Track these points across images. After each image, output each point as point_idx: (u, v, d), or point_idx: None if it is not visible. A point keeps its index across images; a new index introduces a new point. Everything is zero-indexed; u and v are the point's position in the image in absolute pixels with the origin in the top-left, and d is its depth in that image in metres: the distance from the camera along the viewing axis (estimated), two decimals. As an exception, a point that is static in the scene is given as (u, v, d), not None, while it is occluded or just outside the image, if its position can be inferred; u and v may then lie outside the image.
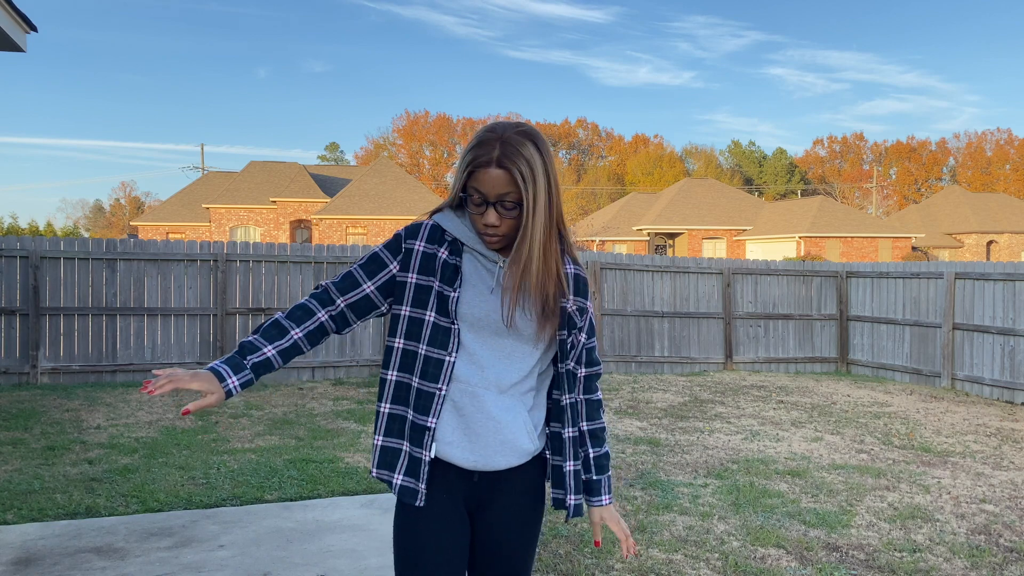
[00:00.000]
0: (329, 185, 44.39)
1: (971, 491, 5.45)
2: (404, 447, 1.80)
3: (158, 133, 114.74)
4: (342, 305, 1.85)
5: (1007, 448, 6.84)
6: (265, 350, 1.76)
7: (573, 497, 1.89)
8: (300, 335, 1.80)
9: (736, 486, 5.38)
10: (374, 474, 1.85)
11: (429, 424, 1.77)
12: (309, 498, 4.94)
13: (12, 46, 6.53)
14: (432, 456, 1.78)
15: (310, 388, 9.35)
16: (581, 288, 1.88)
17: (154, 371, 1.69)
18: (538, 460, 1.90)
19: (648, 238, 43.15)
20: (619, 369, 11.21)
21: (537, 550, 4.13)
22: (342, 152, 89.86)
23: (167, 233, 41.72)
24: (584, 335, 1.91)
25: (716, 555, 4.11)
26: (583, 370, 1.95)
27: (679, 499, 5.06)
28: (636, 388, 9.75)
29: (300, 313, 1.83)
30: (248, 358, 1.74)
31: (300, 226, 41.88)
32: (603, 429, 1.98)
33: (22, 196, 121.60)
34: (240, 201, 41.72)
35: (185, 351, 9.72)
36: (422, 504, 1.78)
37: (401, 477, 1.80)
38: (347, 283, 1.85)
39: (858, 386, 10.44)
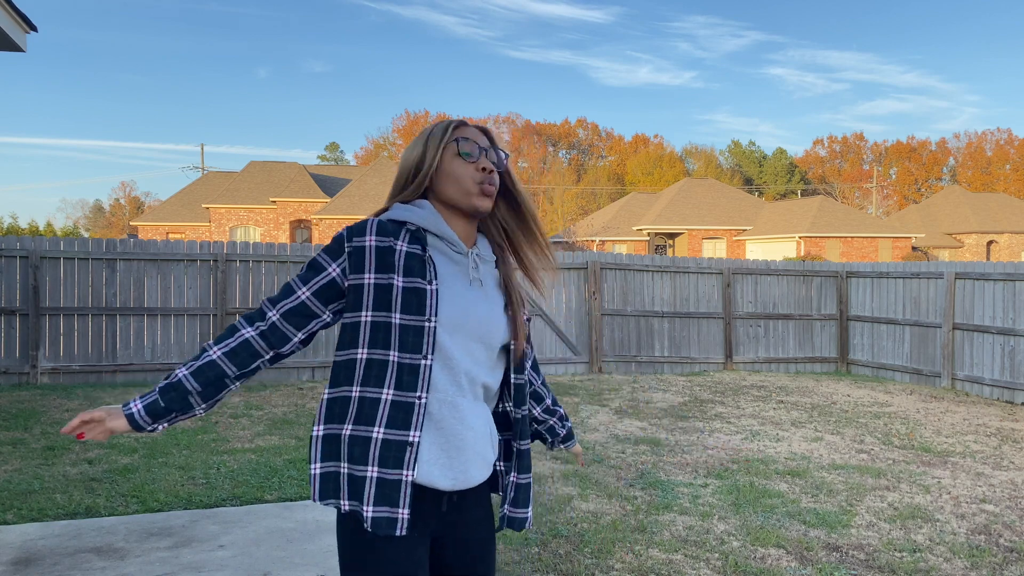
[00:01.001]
0: (329, 185, 44.38)
1: (971, 491, 5.45)
2: (369, 473, 1.57)
3: (158, 133, 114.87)
4: (274, 317, 1.67)
5: (1007, 448, 6.84)
6: (177, 371, 1.66)
7: (508, 508, 1.79)
8: (218, 353, 1.66)
9: (736, 486, 5.38)
10: (345, 507, 1.60)
11: (411, 439, 1.58)
12: (309, 498, 4.94)
13: (12, 46, 6.54)
14: (414, 476, 1.59)
15: (310, 388, 9.35)
16: None
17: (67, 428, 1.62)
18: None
19: (648, 238, 43.15)
20: (619, 369, 11.21)
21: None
22: (342, 152, 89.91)
23: (167, 233, 41.72)
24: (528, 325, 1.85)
25: (716, 555, 4.11)
26: (530, 357, 1.93)
27: (679, 499, 5.06)
28: (636, 388, 9.75)
29: (224, 333, 1.70)
30: (157, 385, 1.67)
31: (300, 226, 41.88)
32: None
33: (22, 196, 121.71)
34: (240, 201, 41.70)
35: (185, 351, 9.71)
36: (403, 533, 1.57)
37: (371, 508, 1.57)
38: (281, 293, 1.70)
39: (858, 386, 10.44)
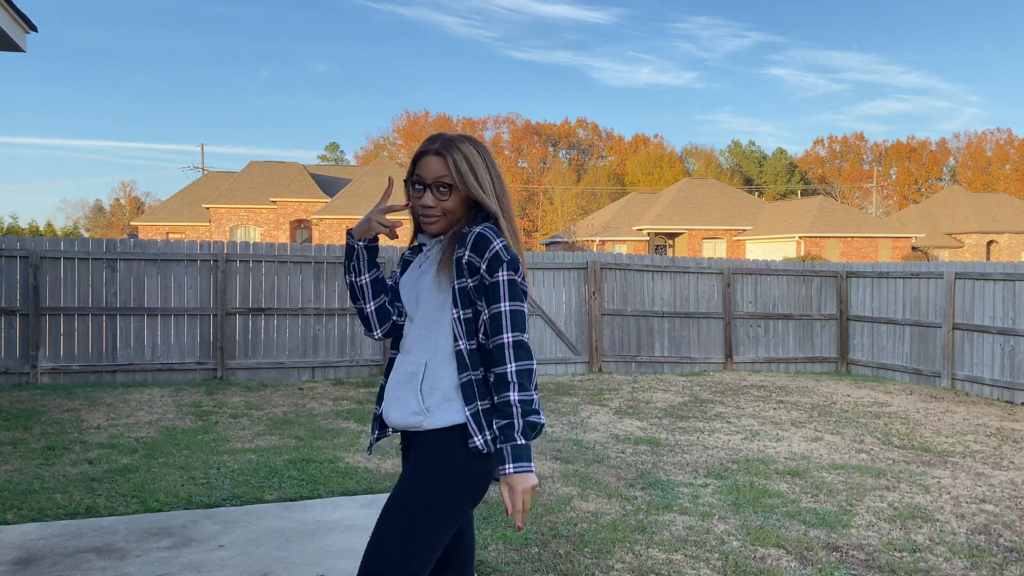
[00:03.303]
0: (329, 185, 44.39)
1: (971, 491, 5.45)
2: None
3: (158, 133, 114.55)
4: None
5: (1007, 448, 6.84)
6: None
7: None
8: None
9: (736, 486, 5.38)
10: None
11: (381, 382, 2.33)
12: (309, 498, 4.94)
13: (12, 46, 6.54)
14: (378, 410, 2.34)
15: (310, 388, 9.34)
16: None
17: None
18: None
19: (648, 238, 43.14)
20: (619, 369, 11.21)
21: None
22: (342, 152, 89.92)
23: (167, 233, 41.72)
24: None
25: (716, 555, 4.11)
26: None
27: (679, 499, 5.06)
28: (636, 388, 9.75)
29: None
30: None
31: (300, 226, 41.87)
32: None
33: (22, 196, 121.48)
34: (240, 201, 41.71)
35: (185, 351, 9.72)
36: (369, 452, 2.46)
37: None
38: None
39: (858, 386, 10.44)
